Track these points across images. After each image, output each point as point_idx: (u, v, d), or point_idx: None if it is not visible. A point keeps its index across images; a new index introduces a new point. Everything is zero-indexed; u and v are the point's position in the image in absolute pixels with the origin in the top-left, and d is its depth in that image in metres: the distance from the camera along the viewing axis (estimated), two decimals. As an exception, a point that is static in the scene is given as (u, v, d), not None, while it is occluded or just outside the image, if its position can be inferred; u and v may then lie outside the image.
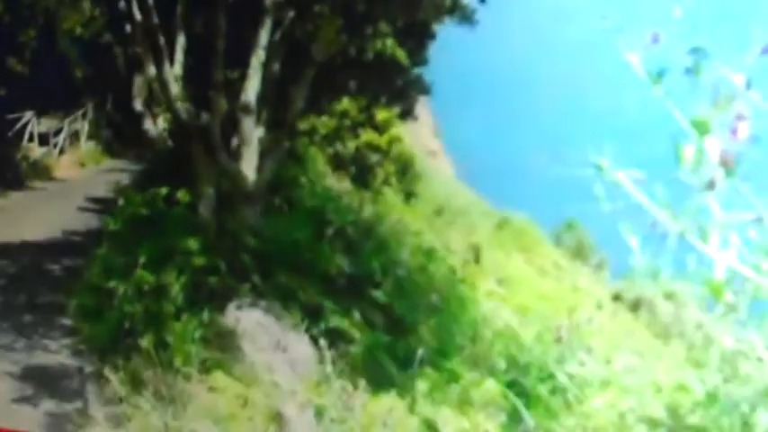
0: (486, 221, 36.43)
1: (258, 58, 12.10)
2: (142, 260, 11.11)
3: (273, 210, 12.67)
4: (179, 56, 12.68)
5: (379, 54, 18.13)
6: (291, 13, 13.00)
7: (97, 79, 28.55)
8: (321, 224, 12.50)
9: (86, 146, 28.78)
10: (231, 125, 13.12)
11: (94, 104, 29.73)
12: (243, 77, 12.01)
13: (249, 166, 12.07)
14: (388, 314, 11.14)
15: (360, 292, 11.40)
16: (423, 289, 11.71)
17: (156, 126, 13.49)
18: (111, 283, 10.93)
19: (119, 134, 29.56)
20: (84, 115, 29.00)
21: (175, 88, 12.19)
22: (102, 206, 18.55)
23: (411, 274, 11.92)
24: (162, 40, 12.00)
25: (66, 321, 11.48)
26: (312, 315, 11.06)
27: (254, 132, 12.13)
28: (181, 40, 12.70)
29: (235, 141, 12.72)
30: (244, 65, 12.50)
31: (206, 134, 12.29)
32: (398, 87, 17.87)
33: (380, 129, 27.20)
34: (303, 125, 19.49)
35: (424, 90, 18.23)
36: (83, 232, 16.14)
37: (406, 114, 18.86)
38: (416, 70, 18.22)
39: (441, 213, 30.92)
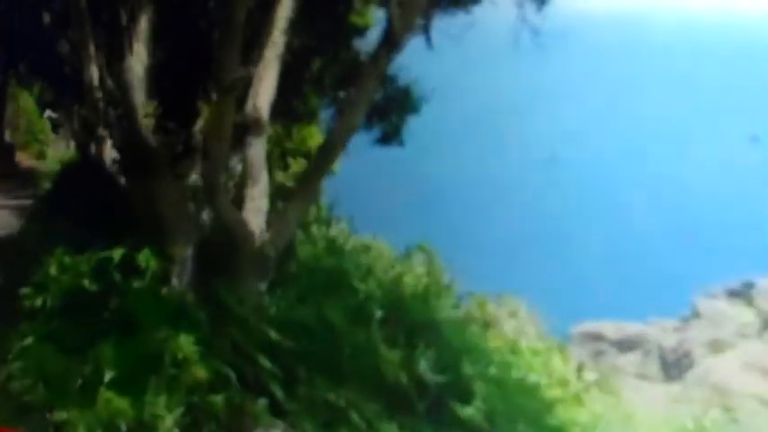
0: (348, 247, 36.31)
1: (275, 47, 8.68)
2: (109, 374, 7.60)
3: (283, 276, 9.22)
4: (139, 46, 9.01)
5: (352, 55, 14.82)
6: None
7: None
8: (351, 297, 9.18)
9: (-44, 178, 26.21)
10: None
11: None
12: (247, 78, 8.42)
13: (257, 215, 8.66)
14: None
15: (438, 407, 8.16)
16: (528, 399, 8.51)
17: (103, 153, 9.85)
18: (62, 414, 7.40)
19: (-13, 167, 28.42)
20: (-45, 145, 26.02)
21: (140, 95, 8.61)
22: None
23: (508, 375, 8.70)
24: (124, 18, 8.41)
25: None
26: (373, 449, 7.87)
27: (263, 162, 8.71)
28: (144, 22, 9.02)
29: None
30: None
31: (186, 165, 8.79)
32: (379, 103, 14.36)
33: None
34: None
35: (413, 107, 14.90)
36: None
37: (390, 138, 15.21)
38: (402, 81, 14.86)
39: (315, 243, 28.77)
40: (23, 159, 35.63)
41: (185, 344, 7.93)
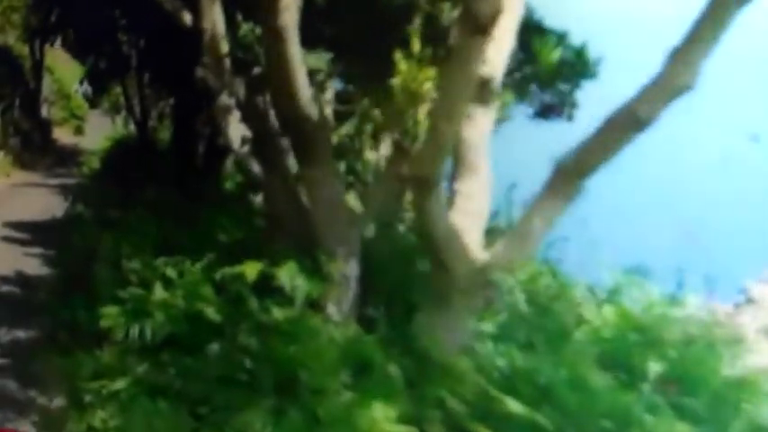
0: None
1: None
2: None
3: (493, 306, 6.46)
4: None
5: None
6: None
7: (2, 84, 27.81)
8: (596, 340, 6.43)
9: (-4, 156, 26.26)
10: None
11: (1, 110, 27.57)
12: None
13: (474, 220, 5.90)
14: None
15: None
16: None
17: (228, 135, 7.30)
18: None
19: (27, 143, 28.89)
20: (-8, 122, 26.37)
21: (297, 48, 5.97)
22: (34, 236, 13.98)
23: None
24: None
25: None
26: None
27: (485, 144, 5.95)
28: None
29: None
30: None
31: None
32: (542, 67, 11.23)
33: (413, 135, 21.49)
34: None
35: (589, 72, 11.43)
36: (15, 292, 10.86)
37: (554, 111, 11.77)
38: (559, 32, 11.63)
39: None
40: (61, 136, 34.64)
41: (384, 416, 5.23)
